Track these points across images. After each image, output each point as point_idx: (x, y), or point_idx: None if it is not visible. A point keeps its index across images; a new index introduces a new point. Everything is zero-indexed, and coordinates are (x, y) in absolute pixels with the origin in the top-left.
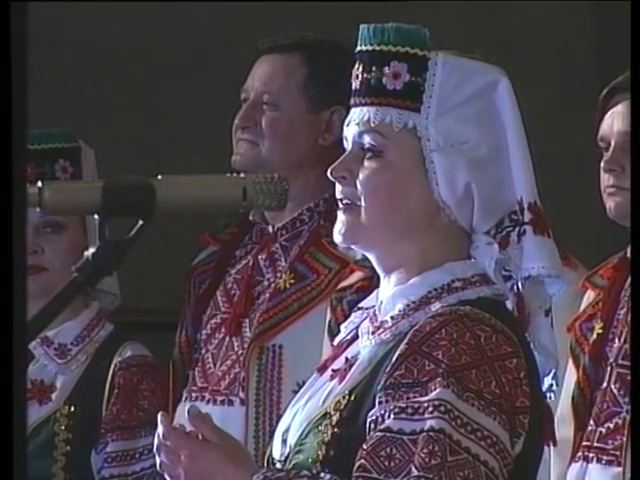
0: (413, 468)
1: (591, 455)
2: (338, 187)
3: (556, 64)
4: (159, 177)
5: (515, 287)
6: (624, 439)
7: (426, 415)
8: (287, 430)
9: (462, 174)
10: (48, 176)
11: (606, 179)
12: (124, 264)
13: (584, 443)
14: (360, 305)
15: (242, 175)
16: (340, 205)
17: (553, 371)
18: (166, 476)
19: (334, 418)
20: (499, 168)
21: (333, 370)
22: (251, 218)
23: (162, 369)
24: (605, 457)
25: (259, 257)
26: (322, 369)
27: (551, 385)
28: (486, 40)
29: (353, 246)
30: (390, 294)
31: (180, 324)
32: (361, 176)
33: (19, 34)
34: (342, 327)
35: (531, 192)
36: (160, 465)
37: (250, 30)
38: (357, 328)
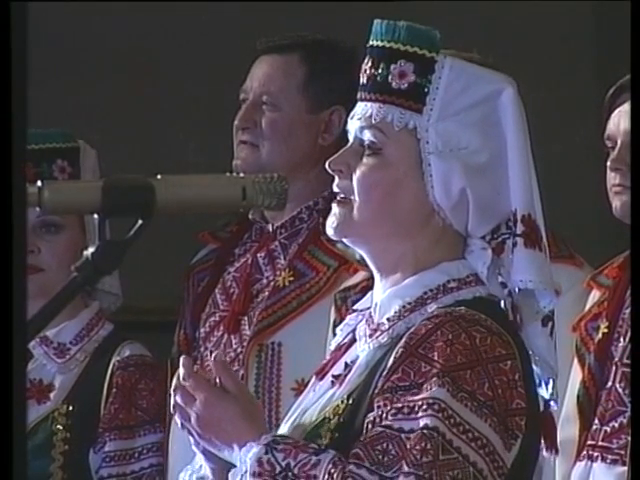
0: (404, 464)
1: (595, 454)
2: (335, 180)
3: (556, 64)
4: (159, 177)
5: (509, 293)
6: (629, 438)
7: (420, 413)
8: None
9: (458, 179)
10: (46, 176)
11: (612, 178)
12: (124, 264)
13: (589, 442)
14: (355, 307)
15: (241, 175)
16: (336, 198)
17: (552, 381)
18: (176, 417)
19: (332, 422)
20: (497, 176)
21: (334, 376)
22: (251, 217)
23: (161, 369)
24: (610, 456)
25: (258, 255)
26: (320, 373)
27: (552, 394)
28: (486, 40)
29: (344, 240)
30: (385, 295)
31: (179, 322)
32: (358, 172)
33: (19, 34)
34: (338, 330)
35: (526, 204)
36: (173, 406)
37: (250, 30)
38: (354, 331)
